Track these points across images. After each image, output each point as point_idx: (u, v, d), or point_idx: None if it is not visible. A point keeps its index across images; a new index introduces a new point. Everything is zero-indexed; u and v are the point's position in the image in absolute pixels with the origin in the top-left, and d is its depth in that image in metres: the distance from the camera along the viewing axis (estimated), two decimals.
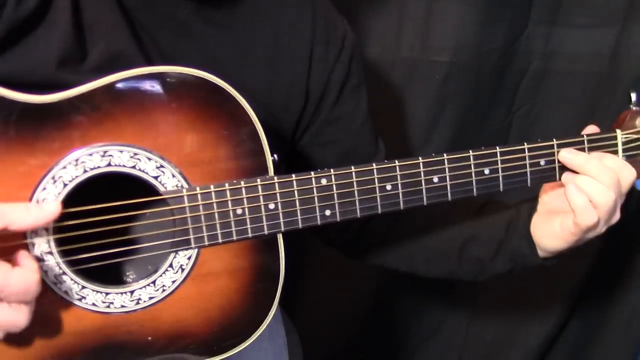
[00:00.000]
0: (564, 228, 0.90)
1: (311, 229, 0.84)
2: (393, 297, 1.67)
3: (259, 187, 0.80)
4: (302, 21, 0.97)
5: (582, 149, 0.91)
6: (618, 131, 0.93)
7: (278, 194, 0.81)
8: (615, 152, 0.93)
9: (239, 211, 0.80)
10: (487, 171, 0.88)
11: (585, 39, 1.46)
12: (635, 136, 0.94)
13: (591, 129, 0.94)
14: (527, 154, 0.89)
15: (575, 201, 0.86)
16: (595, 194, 0.86)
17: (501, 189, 0.89)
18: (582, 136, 0.92)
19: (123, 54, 0.83)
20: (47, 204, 0.74)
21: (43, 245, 0.75)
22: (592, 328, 1.75)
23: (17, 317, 0.71)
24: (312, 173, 0.82)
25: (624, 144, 0.93)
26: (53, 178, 0.74)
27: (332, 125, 1.02)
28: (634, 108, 0.95)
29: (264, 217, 0.81)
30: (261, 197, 0.81)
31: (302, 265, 1.58)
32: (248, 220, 0.81)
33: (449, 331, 1.73)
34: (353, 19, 1.36)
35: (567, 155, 0.89)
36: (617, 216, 0.91)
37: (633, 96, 0.95)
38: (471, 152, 0.88)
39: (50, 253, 0.76)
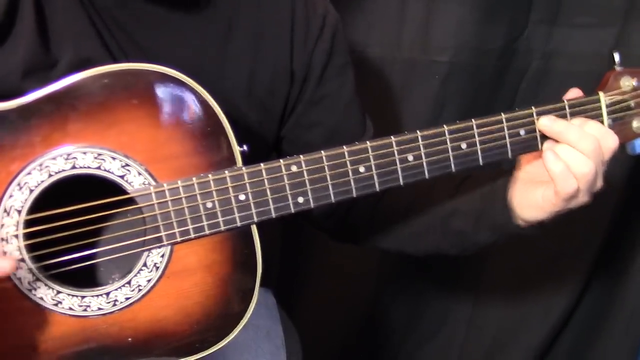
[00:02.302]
0: (546, 198, 0.84)
1: (286, 218, 0.81)
2: (393, 296, 1.62)
3: (228, 178, 0.78)
4: (281, 3, 0.96)
5: (564, 115, 0.86)
6: (600, 93, 0.87)
7: (248, 185, 0.78)
8: (600, 116, 0.88)
9: (209, 204, 0.78)
10: (464, 145, 0.84)
11: (585, 39, 1.42)
12: (620, 97, 0.88)
13: (574, 92, 0.89)
14: (505, 124, 0.84)
15: (553, 169, 0.81)
16: (573, 162, 0.81)
17: (481, 163, 0.84)
18: (563, 101, 0.87)
19: (92, 59, 0.83)
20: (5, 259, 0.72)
21: (14, 252, 0.74)
22: (592, 328, 1.68)
23: None
24: (282, 161, 0.79)
25: (608, 106, 0.88)
26: (19, 185, 0.74)
27: (316, 107, 0.99)
28: (617, 68, 0.89)
29: (235, 209, 0.78)
30: (230, 188, 0.78)
31: (301, 265, 1.55)
32: (219, 213, 0.78)
33: (449, 331, 1.68)
34: (353, 19, 1.36)
35: (546, 123, 0.84)
36: (598, 184, 0.85)
37: (616, 56, 0.89)
38: (446, 127, 0.83)
39: (22, 260, 0.75)
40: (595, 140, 0.82)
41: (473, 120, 0.84)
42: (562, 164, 0.81)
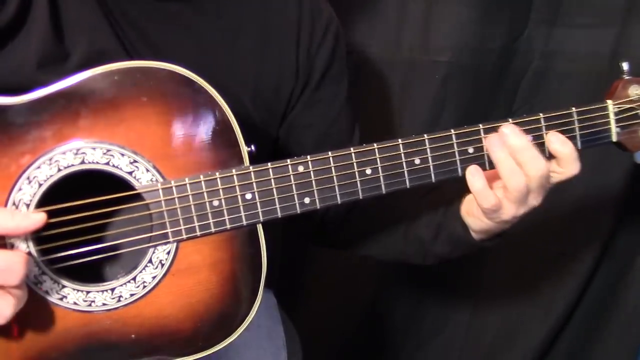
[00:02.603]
0: (478, 211, 0.86)
1: (291, 218, 0.81)
2: (393, 298, 1.62)
3: (235, 177, 0.78)
4: (289, 6, 0.97)
5: (572, 122, 0.86)
6: (609, 102, 0.87)
7: (254, 184, 0.79)
8: (608, 124, 0.88)
9: (216, 203, 0.78)
10: (471, 150, 0.84)
11: (585, 39, 1.42)
12: (628, 105, 0.88)
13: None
14: None
15: (474, 186, 0.82)
16: (504, 176, 0.81)
17: (487, 168, 0.84)
18: (571, 109, 0.87)
19: (106, 51, 0.84)
20: (33, 212, 0.73)
21: (21, 245, 0.74)
22: (592, 328, 1.68)
23: (1, 304, 0.69)
24: (289, 160, 0.79)
25: (616, 114, 0.87)
26: (28, 178, 0.74)
27: (310, 109, 1.01)
28: (626, 77, 0.89)
29: (241, 208, 0.79)
30: (237, 187, 0.78)
31: (302, 266, 1.54)
32: (225, 212, 0.78)
33: (449, 332, 1.68)
34: (353, 19, 1.36)
35: (491, 147, 0.83)
36: (532, 203, 0.85)
37: (625, 65, 0.90)
38: (453, 131, 0.83)
39: (29, 253, 0.75)
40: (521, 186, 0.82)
41: (480, 125, 0.84)
42: (483, 181, 0.82)
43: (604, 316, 1.66)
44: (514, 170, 0.81)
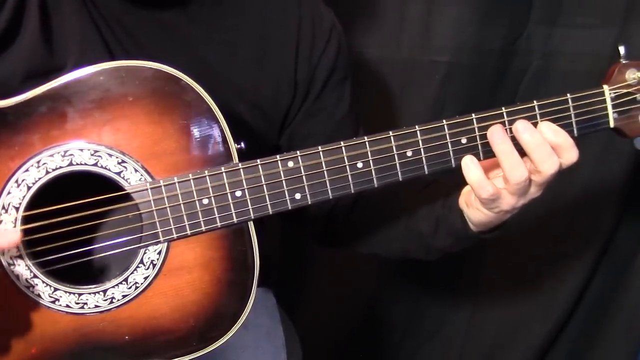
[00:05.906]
0: (476, 199, 0.81)
1: (283, 215, 0.79)
2: (394, 297, 1.58)
3: (224, 175, 0.76)
4: (288, 15, 0.94)
5: (567, 109, 0.83)
6: (605, 87, 0.84)
7: (244, 181, 0.76)
8: (605, 110, 0.84)
9: (205, 201, 0.76)
10: (464, 140, 0.81)
11: (585, 39, 1.39)
12: (625, 90, 0.84)
13: None
14: (506, 119, 0.82)
15: (470, 177, 0.79)
16: (505, 169, 0.78)
17: (481, 158, 0.82)
18: (566, 95, 0.84)
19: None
20: (8, 231, 0.72)
21: (12, 249, 0.73)
22: (592, 328, 1.63)
23: None
24: (278, 156, 0.77)
25: (613, 99, 0.84)
26: (17, 182, 0.72)
27: (312, 118, 0.97)
28: (623, 61, 0.86)
29: (231, 206, 0.76)
30: (227, 185, 0.76)
31: (302, 265, 1.51)
32: (215, 210, 0.76)
33: (449, 331, 1.64)
34: (353, 19, 1.34)
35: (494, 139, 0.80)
36: (533, 196, 0.82)
37: (621, 49, 0.86)
38: (445, 122, 0.81)
39: (20, 257, 0.73)
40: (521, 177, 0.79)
41: (473, 114, 0.82)
42: (480, 172, 0.79)
43: (604, 316, 1.61)
44: (517, 163, 0.78)
